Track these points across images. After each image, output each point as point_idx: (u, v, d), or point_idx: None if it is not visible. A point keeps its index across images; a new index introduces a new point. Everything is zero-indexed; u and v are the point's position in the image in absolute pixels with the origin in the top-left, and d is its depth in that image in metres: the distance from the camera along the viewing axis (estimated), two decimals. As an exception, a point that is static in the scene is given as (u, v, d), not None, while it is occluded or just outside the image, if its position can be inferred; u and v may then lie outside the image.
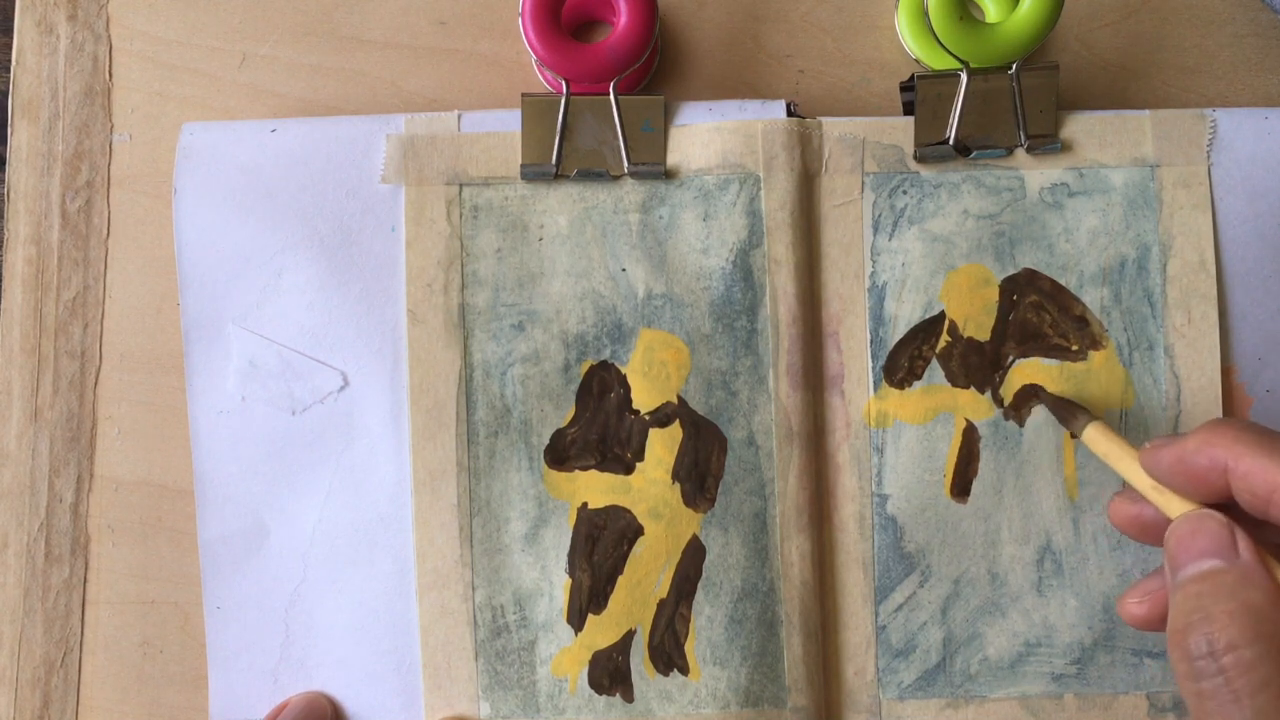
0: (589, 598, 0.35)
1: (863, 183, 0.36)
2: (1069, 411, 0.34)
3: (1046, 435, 0.36)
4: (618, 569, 0.35)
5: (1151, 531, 0.31)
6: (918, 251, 0.36)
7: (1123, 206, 0.36)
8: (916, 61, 0.38)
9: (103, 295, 0.38)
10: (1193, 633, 0.26)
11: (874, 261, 0.36)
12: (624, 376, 0.36)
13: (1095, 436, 0.33)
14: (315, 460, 0.36)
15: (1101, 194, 0.36)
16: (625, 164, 0.36)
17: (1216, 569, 0.27)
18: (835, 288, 0.36)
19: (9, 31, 0.40)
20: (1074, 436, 0.34)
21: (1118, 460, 0.32)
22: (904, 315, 0.36)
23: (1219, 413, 0.36)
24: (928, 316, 0.36)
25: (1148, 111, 0.36)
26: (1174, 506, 0.29)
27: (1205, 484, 0.28)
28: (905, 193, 0.36)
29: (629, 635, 0.35)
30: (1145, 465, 0.30)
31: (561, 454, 0.36)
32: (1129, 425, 0.36)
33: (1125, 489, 0.32)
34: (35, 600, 0.37)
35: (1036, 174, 0.36)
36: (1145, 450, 0.30)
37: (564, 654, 0.35)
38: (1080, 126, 0.36)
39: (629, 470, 0.36)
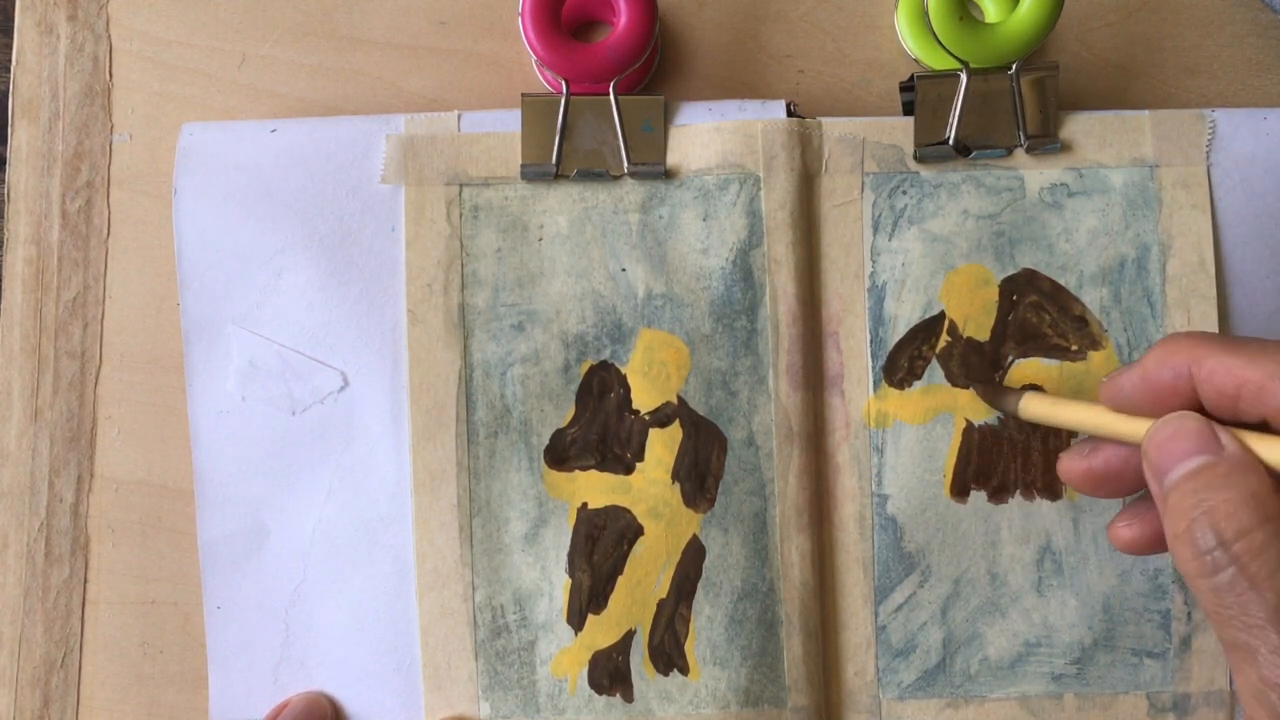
0: (589, 598, 0.35)
1: (863, 183, 0.36)
2: (1000, 395, 0.34)
3: (1046, 435, 0.36)
4: (618, 569, 0.35)
5: (1105, 482, 0.31)
6: (918, 251, 0.36)
7: (1122, 207, 0.36)
8: (916, 61, 0.38)
9: (103, 295, 0.38)
10: (1197, 527, 0.25)
11: (874, 261, 0.36)
12: (624, 376, 0.36)
13: (1033, 404, 0.33)
14: (315, 460, 0.36)
15: (1101, 194, 0.36)
16: (625, 164, 0.36)
17: (1207, 463, 0.26)
18: (835, 288, 0.36)
19: (9, 31, 0.40)
20: (1016, 416, 0.34)
21: (1065, 412, 0.31)
22: (904, 315, 0.36)
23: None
24: (927, 316, 0.36)
25: (1147, 112, 0.36)
26: (1141, 429, 0.29)
27: (1172, 397, 0.28)
28: (905, 193, 0.36)
29: (629, 635, 0.35)
30: (1107, 396, 0.30)
31: (561, 454, 0.36)
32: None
33: (1068, 450, 0.32)
34: (35, 600, 0.37)
35: (1036, 174, 0.36)
36: (1104, 384, 0.30)
37: (564, 654, 0.35)
38: (1080, 126, 0.36)
39: (629, 470, 0.36)
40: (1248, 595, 0.24)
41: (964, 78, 0.35)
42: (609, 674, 0.35)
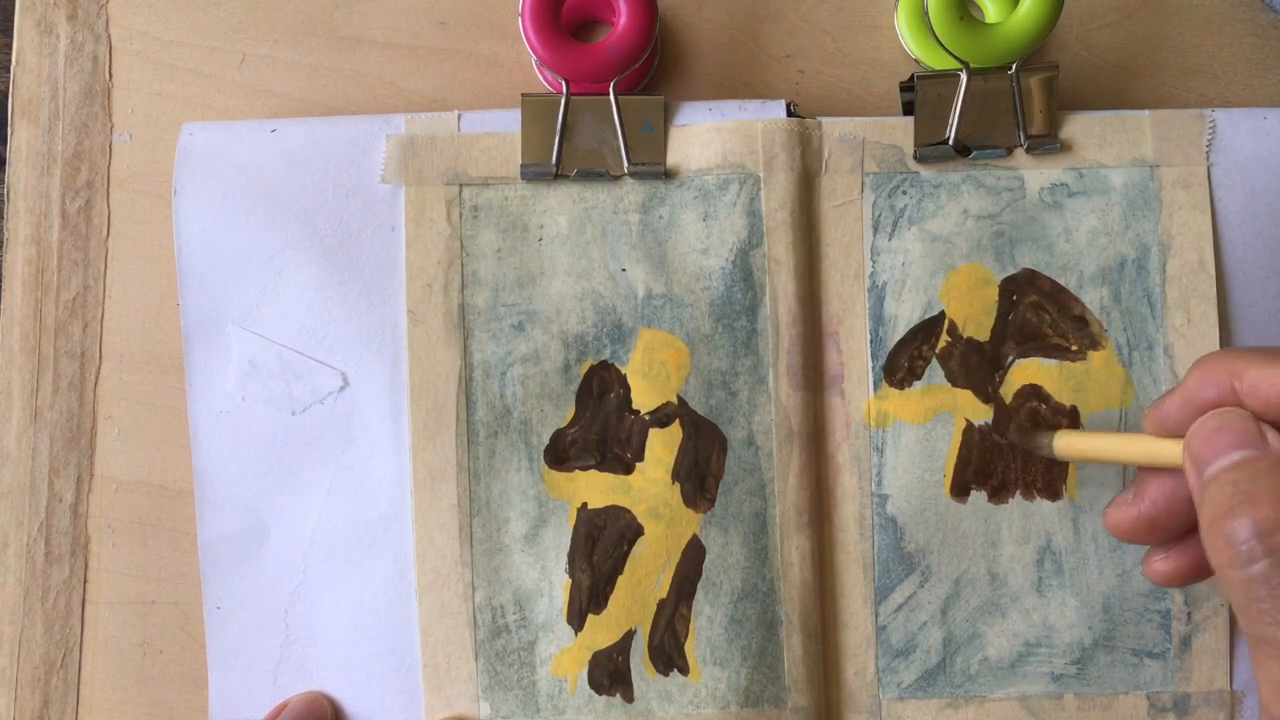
0: (589, 598, 0.35)
1: (863, 183, 0.36)
2: (1031, 438, 0.34)
3: (1046, 435, 0.36)
4: (617, 569, 0.35)
5: (1158, 526, 0.30)
6: (918, 251, 0.36)
7: (1122, 207, 0.36)
8: (916, 61, 0.38)
9: (103, 295, 0.38)
10: (1235, 517, 0.25)
11: (874, 261, 0.36)
12: (624, 376, 0.36)
13: (1068, 443, 0.33)
14: (315, 460, 0.36)
15: (1101, 194, 0.36)
16: (625, 164, 0.36)
17: (1249, 456, 0.26)
18: (835, 288, 0.36)
19: (9, 31, 0.40)
20: (1049, 456, 0.33)
21: (1103, 444, 0.31)
22: (904, 315, 0.36)
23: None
24: (927, 316, 0.36)
25: (1147, 111, 0.36)
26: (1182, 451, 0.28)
27: None
28: (905, 193, 0.36)
29: (629, 635, 0.35)
30: (1153, 423, 0.29)
31: (561, 454, 0.36)
32: (1128, 425, 0.36)
33: (1110, 504, 0.32)
34: (35, 600, 0.37)
35: (1036, 174, 0.36)
36: (1149, 413, 0.30)
37: (564, 654, 0.35)
38: (1080, 126, 0.36)
39: (629, 470, 0.36)
40: None
41: (964, 78, 0.35)
42: (609, 674, 0.35)
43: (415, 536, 0.35)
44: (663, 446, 0.36)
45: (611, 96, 0.36)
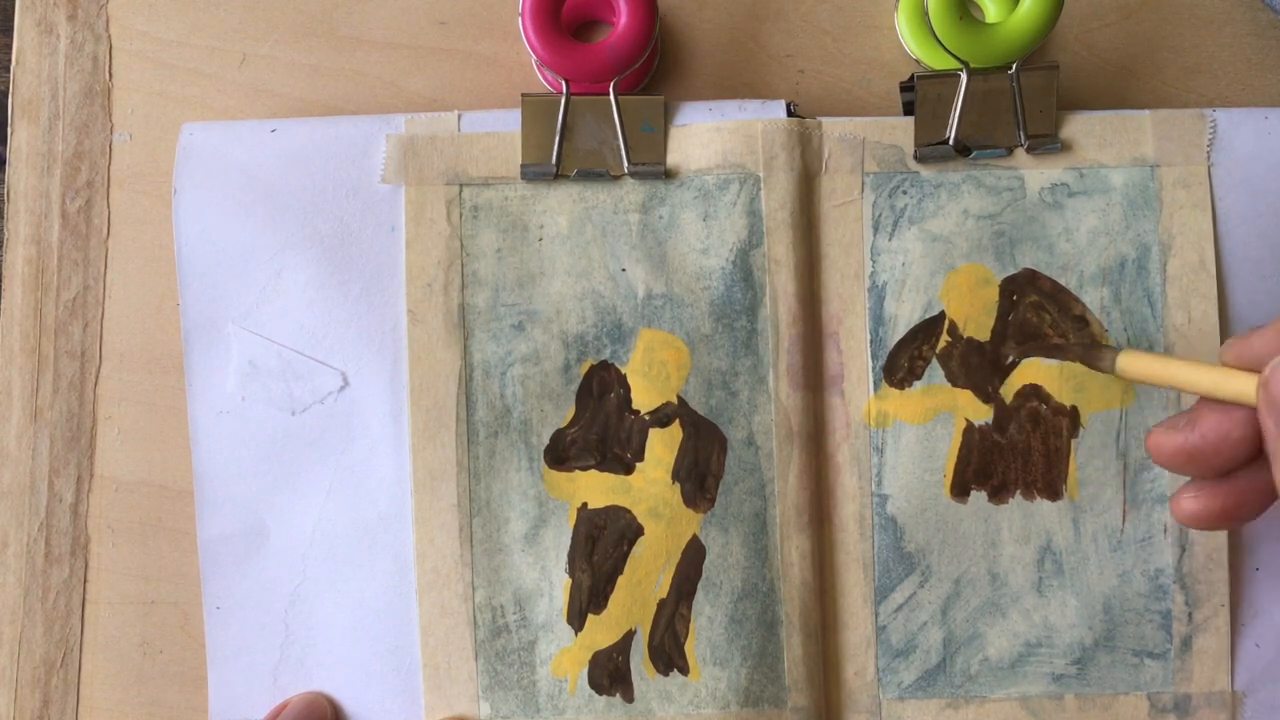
0: (589, 598, 0.35)
1: (863, 183, 0.36)
2: (1093, 354, 0.33)
3: (1046, 435, 0.36)
4: (618, 569, 0.35)
5: (1201, 459, 0.29)
6: (918, 251, 0.36)
7: (1123, 206, 0.36)
8: (916, 61, 0.38)
9: (103, 295, 0.38)
10: None
11: (874, 261, 0.36)
12: (624, 376, 0.36)
13: (1131, 361, 0.31)
14: (315, 460, 0.36)
15: (1101, 194, 0.36)
16: (625, 164, 0.36)
17: None
18: (835, 288, 0.36)
19: (9, 31, 0.40)
20: (1109, 373, 0.32)
21: (1171, 369, 0.30)
22: (904, 315, 0.36)
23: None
24: (928, 316, 0.36)
25: (1148, 111, 0.36)
26: (1255, 387, 0.27)
27: None
28: (905, 193, 0.36)
29: (629, 635, 0.35)
30: (1234, 355, 0.28)
31: (561, 454, 0.36)
32: (1129, 425, 0.36)
33: (1161, 424, 0.30)
34: (35, 600, 0.37)
35: (1036, 174, 0.36)
36: (1231, 343, 0.28)
37: (564, 654, 0.35)
38: (1080, 126, 0.36)
39: (629, 470, 0.36)
40: None
41: (964, 77, 0.35)
42: (609, 674, 0.35)
43: (415, 536, 0.35)
44: (663, 446, 0.36)
45: (611, 96, 0.36)
